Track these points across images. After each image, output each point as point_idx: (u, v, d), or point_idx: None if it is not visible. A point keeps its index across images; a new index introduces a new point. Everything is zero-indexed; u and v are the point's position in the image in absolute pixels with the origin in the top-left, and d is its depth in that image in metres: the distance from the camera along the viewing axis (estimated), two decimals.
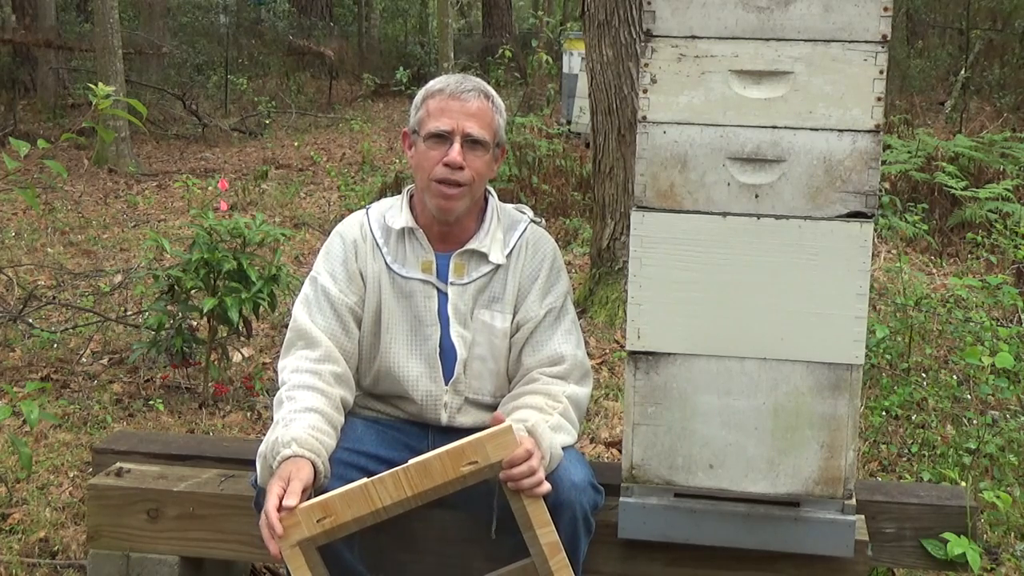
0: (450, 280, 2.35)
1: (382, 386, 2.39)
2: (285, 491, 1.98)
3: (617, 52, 5.04)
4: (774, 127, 2.13)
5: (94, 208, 8.49)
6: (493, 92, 2.37)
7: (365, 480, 1.99)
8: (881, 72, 2.09)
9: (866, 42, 2.09)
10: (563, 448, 2.19)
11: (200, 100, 14.00)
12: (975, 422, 3.92)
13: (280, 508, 1.97)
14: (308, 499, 2.00)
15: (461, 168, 2.28)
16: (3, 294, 5.67)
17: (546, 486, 2.05)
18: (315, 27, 18.58)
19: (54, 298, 5.65)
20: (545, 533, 2.05)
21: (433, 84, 2.36)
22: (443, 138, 2.29)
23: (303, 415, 2.15)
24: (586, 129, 7.51)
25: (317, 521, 1.97)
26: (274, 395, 2.29)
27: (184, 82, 14.84)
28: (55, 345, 4.88)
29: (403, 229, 2.37)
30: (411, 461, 2.01)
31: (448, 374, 2.35)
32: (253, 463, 2.18)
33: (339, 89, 16.41)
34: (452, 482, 2.01)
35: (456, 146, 2.27)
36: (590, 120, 5.40)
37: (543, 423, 2.16)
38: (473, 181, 2.30)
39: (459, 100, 2.30)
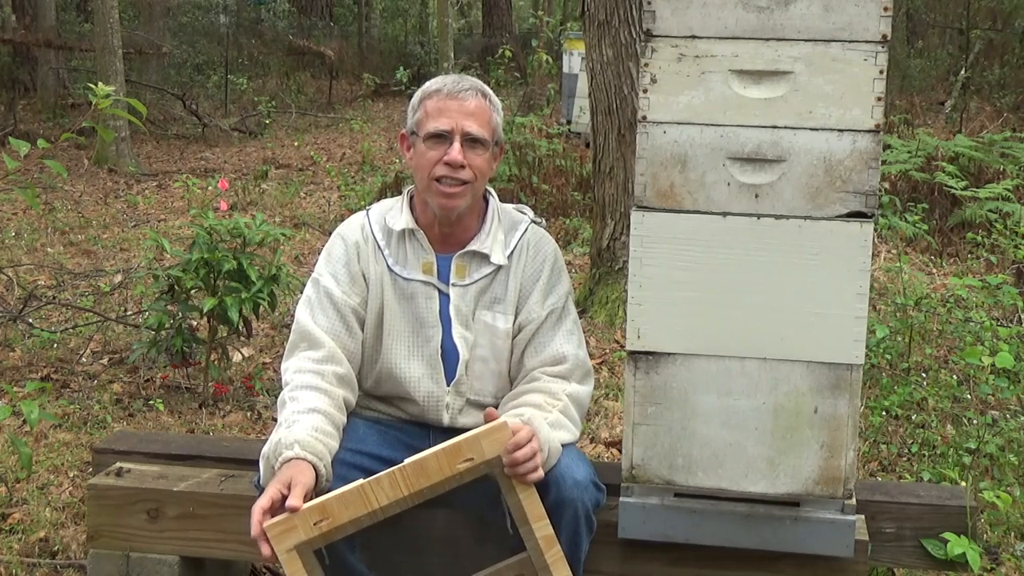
0: (451, 281, 2.36)
1: (384, 387, 2.40)
2: (282, 494, 1.98)
3: (617, 52, 5.04)
4: (774, 127, 2.13)
5: (94, 208, 8.49)
6: (490, 91, 2.38)
7: (361, 481, 1.99)
8: (881, 72, 2.09)
9: (866, 42, 2.09)
10: (564, 446, 2.20)
11: (200, 100, 14.01)
12: (975, 422, 3.92)
13: (270, 511, 1.97)
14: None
15: (462, 167, 2.28)
16: (3, 294, 5.66)
17: (540, 473, 2.05)
18: (315, 27, 18.58)
19: (54, 298, 5.65)
20: (541, 527, 2.06)
21: (430, 85, 2.37)
22: (443, 138, 2.29)
23: (306, 416, 2.16)
24: (586, 129, 7.51)
25: (314, 524, 1.96)
26: (274, 395, 2.29)
27: (184, 82, 14.85)
28: (55, 345, 4.88)
29: (404, 231, 2.37)
30: (407, 460, 2.00)
31: (450, 375, 2.36)
32: (253, 463, 2.19)
33: (339, 89, 16.41)
34: (448, 480, 2.01)
35: (456, 145, 2.28)
36: (590, 120, 5.40)
37: (540, 418, 2.16)
38: (474, 179, 2.31)
39: (457, 99, 2.30)
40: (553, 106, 12.13)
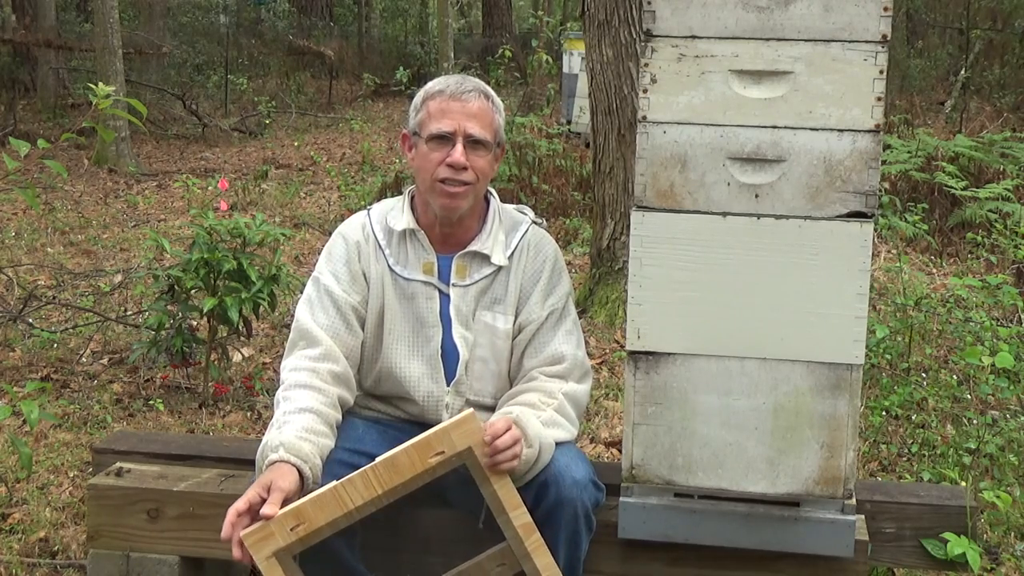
0: (452, 282, 2.36)
1: (384, 387, 2.40)
2: (261, 497, 1.98)
3: (617, 52, 5.04)
4: (774, 127, 2.13)
5: (94, 208, 8.49)
6: (492, 92, 2.38)
7: (334, 483, 1.99)
8: (881, 72, 2.09)
9: (866, 42, 2.09)
10: (562, 444, 2.20)
11: (200, 100, 14.01)
12: (975, 422, 3.92)
13: (248, 513, 1.96)
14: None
15: (465, 168, 2.28)
16: (3, 294, 5.66)
17: (515, 463, 2.06)
18: (315, 27, 18.59)
19: (54, 298, 5.65)
20: (518, 515, 2.06)
21: (432, 85, 2.37)
22: (445, 139, 2.29)
23: (296, 416, 2.16)
24: (586, 129, 7.51)
25: (291, 529, 1.95)
26: (274, 395, 2.29)
27: (184, 82, 14.85)
28: (55, 345, 4.88)
29: (405, 231, 2.37)
30: (378, 459, 2.00)
31: (450, 375, 2.36)
32: (253, 463, 2.18)
33: (339, 89, 16.41)
34: (421, 475, 2.01)
35: (459, 147, 2.28)
36: (590, 120, 5.40)
37: (530, 414, 2.17)
38: (476, 180, 2.31)
39: (460, 101, 2.30)
40: (553, 106, 12.13)
